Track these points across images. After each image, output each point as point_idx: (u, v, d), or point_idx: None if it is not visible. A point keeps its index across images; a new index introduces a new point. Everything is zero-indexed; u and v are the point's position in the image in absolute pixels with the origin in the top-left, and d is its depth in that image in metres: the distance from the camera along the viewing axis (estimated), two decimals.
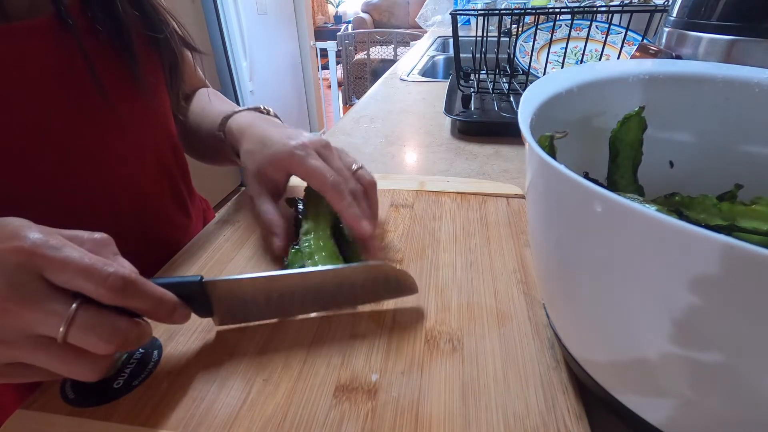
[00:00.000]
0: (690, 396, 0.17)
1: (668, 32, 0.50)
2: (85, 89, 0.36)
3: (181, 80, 0.48)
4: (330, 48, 3.04)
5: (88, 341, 0.22)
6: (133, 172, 0.42)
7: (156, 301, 0.25)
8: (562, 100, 0.27)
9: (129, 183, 0.41)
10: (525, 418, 0.24)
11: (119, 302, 0.23)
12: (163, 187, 0.46)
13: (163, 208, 0.46)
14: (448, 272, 0.35)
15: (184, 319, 0.27)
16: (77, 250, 0.23)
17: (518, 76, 0.87)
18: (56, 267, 0.22)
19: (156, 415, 0.24)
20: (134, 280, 0.24)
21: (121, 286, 0.23)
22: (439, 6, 2.61)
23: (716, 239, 0.13)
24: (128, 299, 0.23)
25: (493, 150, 0.63)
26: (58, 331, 0.21)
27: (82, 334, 0.22)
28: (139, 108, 0.41)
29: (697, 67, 0.29)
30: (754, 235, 0.23)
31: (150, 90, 0.42)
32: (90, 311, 0.22)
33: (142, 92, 0.40)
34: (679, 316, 0.15)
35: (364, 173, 0.39)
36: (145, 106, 0.42)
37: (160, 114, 0.45)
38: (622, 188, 0.29)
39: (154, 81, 0.43)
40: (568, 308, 0.23)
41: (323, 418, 0.24)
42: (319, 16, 5.58)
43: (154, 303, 0.25)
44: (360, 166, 0.39)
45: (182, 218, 0.49)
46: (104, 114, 0.37)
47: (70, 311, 0.22)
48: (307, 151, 0.36)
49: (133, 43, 0.39)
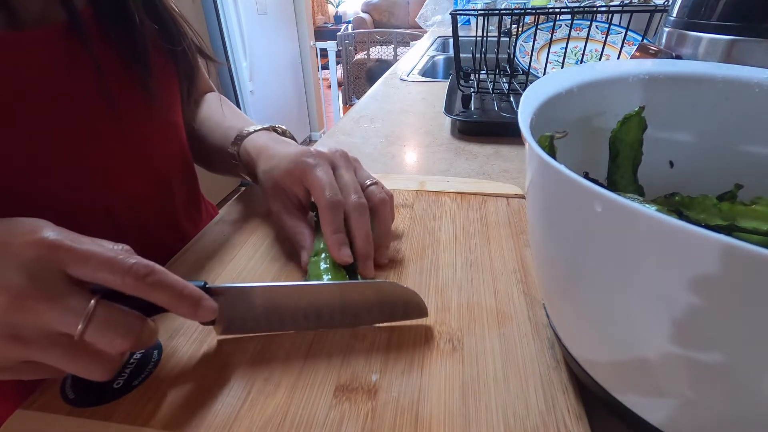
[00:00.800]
0: (690, 396, 0.17)
1: (668, 32, 0.50)
2: (95, 99, 0.35)
3: (195, 89, 0.48)
4: (330, 48, 3.04)
5: (104, 339, 0.22)
6: (141, 183, 0.41)
7: (179, 292, 0.24)
8: (562, 100, 0.27)
9: (136, 195, 0.41)
10: (525, 418, 0.24)
11: (143, 292, 0.23)
12: (170, 197, 0.46)
13: (171, 218, 0.46)
14: (448, 272, 0.35)
15: (211, 313, 0.26)
16: (98, 244, 0.23)
17: (518, 76, 0.87)
18: (79, 259, 0.22)
19: (156, 415, 0.24)
20: (159, 269, 0.24)
21: (145, 274, 0.23)
22: (439, 6, 2.61)
23: (716, 239, 0.13)
24: (153, 289, 0.23)
25: (493, 150, 0.63)
26: (77, 328, 0.21)
27: (100, 332, 0.22)
28: (149, 119, 0.41)
29: (697, 67, 0.29)
30: (754, 235, 0.22)
31: (162, 102, 0.41)
32: (108, 308, 0.22)
33: (153, 103, 0.40)
34: (679, 316, 0.15)
35: (376, 190, 0.36)
36: (156, 117, 0.42)
37: (171, 125, 0.45)
38: (622, 188, 0.29)
39: (167, 92, 0.43)
40: (568, 308, 0.23)
41: (323, 418, 0.24)
42: (319, 16, 5.58)
43: (178, 294, 0.24)
44: (373, 182, 0.37)
45: (191, 227, 0.49)
46: (112, 125, 0.37)
47: (90, 308, 0.21)
48: (317, 161, 0.36)
49: (148, 55, 0.39)
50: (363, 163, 0.39)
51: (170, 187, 0.45)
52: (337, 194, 0.34)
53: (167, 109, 0.43)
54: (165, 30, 0.41)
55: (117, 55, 0.37)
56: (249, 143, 0.43)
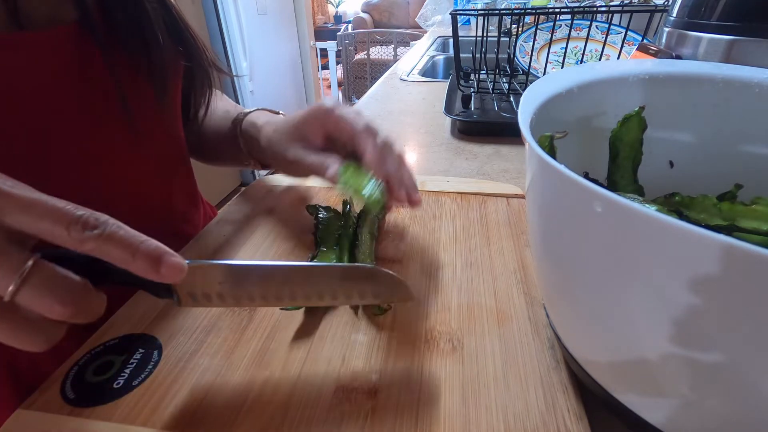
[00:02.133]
0: (690, 396, 0.17)
1: (668, 32, 0.50)
2: (105, 103, 0.35)
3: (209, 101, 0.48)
4: (330, 48, 3.04)
5: (40, 303, 0.19)
6: (146, 186, 0.42)
7: (136, 245, 0.20)
8: (562, 100, 0.27)
9: (140, 198, 0.41)
10: (525, 418, 0.24)
11: (93, 247, 0.19)
12: (170, 198, 0.46)
13: (170, 220, 0.46)
14: (448, 272, 0.35)
15: (176, 272, 0.22)
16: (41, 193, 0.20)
17: (518, 76, 0.87)
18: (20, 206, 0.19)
19: (156, 415, 0.24)
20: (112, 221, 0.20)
21: (95, 225, 0.19)
22: (439, 6, 2.61)
23: (716, 239, 0.13)
24: (104, 242, 0.20)
25: (493, 150, 0.63)
26: (7, 289, 0.18)
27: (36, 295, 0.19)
28: (158, 123, 0.41)
29: (697, 67, 0.29)
30: (754, 235, 0.22)
31: (169, 106, 0.42)
32: (47, 269, 0.19)
33: (161, 108, 0.40)
34: (679, 316, 0.15)
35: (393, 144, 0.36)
36: (161, 120, 0.42)
37: (174, 127, 0.45)
38: (622, 188, 0.29)
39: (173, 95, 0.43)
40: (568, 308, 0.23)
41: (323, 418, 0.24)
42: (319, 16, 5.58)
43: (135, 247, 0.20)
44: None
45: (189, 228, 0.49)
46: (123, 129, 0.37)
47: (26, 267, 0.19)
48: (336, 104, 0.36)
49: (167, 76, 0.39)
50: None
51: (169, 186, 0.46)
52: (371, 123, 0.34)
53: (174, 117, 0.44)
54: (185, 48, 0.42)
55: (125, 57, 0.37)
56: (248, 121, 0.45)
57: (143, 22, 0.37)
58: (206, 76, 0.46)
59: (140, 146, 0.39)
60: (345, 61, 3.52)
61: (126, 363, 0.27)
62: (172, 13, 0.41)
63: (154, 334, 0.29)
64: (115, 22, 0.36)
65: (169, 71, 0.40)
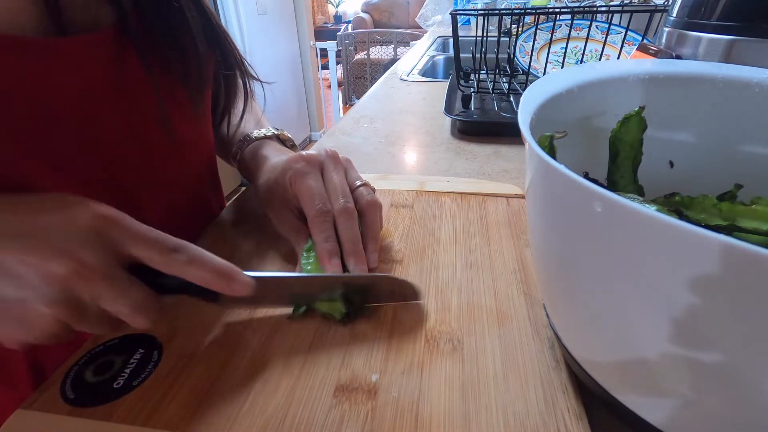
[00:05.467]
0: (690, 396, 0.17)
1: (668, 32, 0.50)
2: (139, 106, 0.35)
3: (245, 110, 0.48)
4: (330, 48, 3.04)
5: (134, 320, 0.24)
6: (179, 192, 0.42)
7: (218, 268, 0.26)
8: (562, 100, 0.27)
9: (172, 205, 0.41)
10: (525, 418, 0.24)
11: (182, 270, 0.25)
12: (200, 200, 0.46)
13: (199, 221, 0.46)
14: (448, 272, 0.35)
15: (246, 287, 0.27)
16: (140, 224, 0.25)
17: (518, 76, 0.87)
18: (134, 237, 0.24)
19: (156, 415, 0.24)
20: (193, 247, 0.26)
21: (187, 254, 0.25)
22: (439, 6, 2.60)
23: (716, 239, 0.13)
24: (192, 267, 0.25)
25: (493, 150, 0.63)
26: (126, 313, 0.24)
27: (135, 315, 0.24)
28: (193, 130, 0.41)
29: (697, 67, 0.29)
30: (754, 235, 0.22)
31: (204, 112, 0.42)
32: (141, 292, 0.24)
33: (196, 114, 0.40)
34: (679, 316, 0.15)
35: (364, 192, 0.36)
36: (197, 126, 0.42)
37: (206, 132, 0.45)
38: (622, 188, 0.29)
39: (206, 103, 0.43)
40: (568, 308, 0.23)
41: (323, 418, 0.24)
42: (319, 16, 5.58)
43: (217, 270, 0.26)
44: (363, 183, 0.37)
45: None
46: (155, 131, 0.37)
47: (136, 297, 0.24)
48: (306, 168, 0.35)
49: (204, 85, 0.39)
50: (363, 164, 0.39)
51: (198, 189, 0.46)
52: (324, 203, 0.34)
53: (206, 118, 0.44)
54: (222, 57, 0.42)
55: (163, 63, 0.37)
56: (249, 152, 0.44)
57: (181, 29, 0.37)
58: (242, 85, 0.46)
59: (175, 150, 0.39)
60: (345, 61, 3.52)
61: (126, 363, 0.27)
62: (211, 21, 0.40)
63: (154, 334, 0.29)
64: (152, 26, 0.36)
65: (207, 79, 0.40)
